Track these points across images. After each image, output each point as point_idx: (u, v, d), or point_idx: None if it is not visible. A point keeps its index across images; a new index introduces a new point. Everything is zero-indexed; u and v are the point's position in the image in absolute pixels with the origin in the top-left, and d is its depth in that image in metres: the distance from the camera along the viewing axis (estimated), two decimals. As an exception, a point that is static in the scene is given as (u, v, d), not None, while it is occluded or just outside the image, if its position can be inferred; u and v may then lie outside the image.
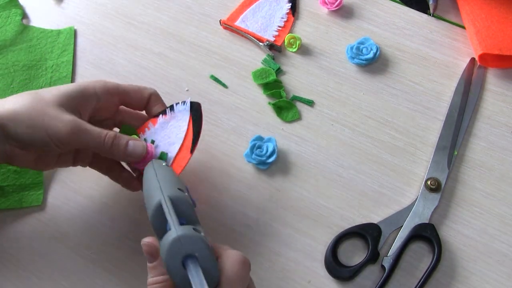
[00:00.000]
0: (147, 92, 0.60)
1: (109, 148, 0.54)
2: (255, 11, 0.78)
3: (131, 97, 0.60)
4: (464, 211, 0.62)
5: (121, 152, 0.55)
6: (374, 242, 0.59)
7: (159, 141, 0.59)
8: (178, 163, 0.58)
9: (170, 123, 0.60)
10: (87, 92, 0.56)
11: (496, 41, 0.70)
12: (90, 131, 0.53)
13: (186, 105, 0.60)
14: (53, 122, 0.52)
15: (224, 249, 0.48)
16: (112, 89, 0.58)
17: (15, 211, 0.63)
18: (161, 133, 0.60)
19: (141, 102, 0.60)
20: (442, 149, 0.65)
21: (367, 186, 0.64)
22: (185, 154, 0.58)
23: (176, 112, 0.60)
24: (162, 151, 0.58)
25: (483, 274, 0.59)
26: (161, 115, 0.60)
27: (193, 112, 0.59)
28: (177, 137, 0.59)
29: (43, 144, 0.53)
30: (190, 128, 0.59)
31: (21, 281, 0.59)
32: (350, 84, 0.71)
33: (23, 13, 0.79)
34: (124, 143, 0.55)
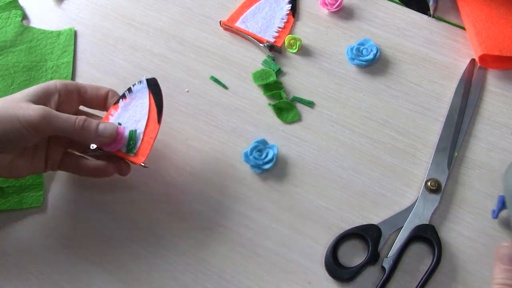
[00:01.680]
0: (104, 90, 0.63)
1: (80, 130, 0.57)
2: (255, 12, 0.78)
3: (89, 94, 0.62)
4: (464, 212, 0.62)
5: (92, 133, 0.57)
6: (374, 243, 0.59)
7: (125, 123, 0.61)
8: (148, 136, 0.60)
9: (132, 104, 0.62)
10: (49, 88, 0.59)
11: (496, 42, 0.71)
12: (60, 116, 0.56)
13: (143, 83, 0.63)
14: (24, 111, 0.54)
15: None
16: (71, 85, 0.61)
17: (15, 211, 0.63)
18: (125, 115, 0.62)
19: (99, 99, 0.63)
20: (442, 150, 0.65)
21: (367, 187, 0.64)
22: (153, 126, 0.61)
23: (134, 93, 0.63)
24: (131, 130, 0.61)
25: (483, 275, 0.59)
26: (121, 99, 0.62)
27: (151, 88, 0.63)
28: (141, 114, 0.62)
29: (17, 134, 0.54)
30: (152, 102, 0.62)
31: (21, 281, 0.59)
32: (350, 85, 0.71)
33: (23, 14, 0.79)
34: (95, 124, 0.58)
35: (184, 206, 0.63)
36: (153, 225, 0.62)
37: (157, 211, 0.63)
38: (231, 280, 0.59)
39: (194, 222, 0.62)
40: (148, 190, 0.64)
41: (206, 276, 0.59)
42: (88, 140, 0.58)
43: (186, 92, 0.71)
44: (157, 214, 0.63)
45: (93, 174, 0.62)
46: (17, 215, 0.63)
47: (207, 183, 0.65)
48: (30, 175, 0.62)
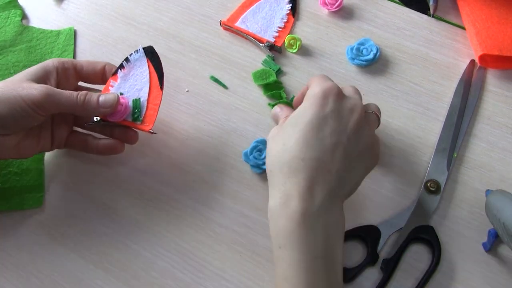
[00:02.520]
0: (101, 64, 0.64)
1: (82, 104, 0.58)
2: (255, 12, 0.78)
3: (86, 69, 0.63)
4: (464, 211, 0.62)
5: (93, 105, 0.59)
6: (373, 244, 0.59)
7: (127, 92, 0.62)
8: (153, 103, 0.62)
9: (131, 73, 0.63)
10: (47, 66, 0.60)
11: (496, 42, 0.71)
12: (62, 93, 0.57)
13: (140, 52, 0.64)
14: (27, 91, 0.56)
15: None
16: (67, 62, 0.62)
17: (15, 212, 0.63)
18: (126, 85, 0.63)
19: (96, 74, 0.64)
20: (441, 151, 0.65)
21: (367, 187, 0.64)
22: (157, 92, 0.62)
23: (132, 62, 0.63)
24: (134, 98, 0.62)
25: (483, 275, 0.59)
26: (119, 70, 0.63)
27: (149, 56, 0.64)
28: (143, 82, 0.63)
29: (22, 114, 0.55)
30: (152, 69, 0.63)
31: (21, 281, 0.59)
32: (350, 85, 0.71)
33: (23, 13, 0.79)
34: (95, 97, 0.59)
35: (183, 206, 0.63)
36: (153, 225, 0.62)
37: (156, 210, 0.63)
38: (231, 280, 0.59)
39: (194, 221, 0.62)
40: (148, 191, 0.64)
41: (206, 276, 0.59)
42: (91, 113, 0.60)
43: (186, 91, 0.71)
44: (156, 214, 0.63)
45: (101, 152, 0.63)
46: (17, 215, 0.63)
47: (207, 183, 0.65)
48: (37, 153, 0.63)
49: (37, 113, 0.56)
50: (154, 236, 0.62)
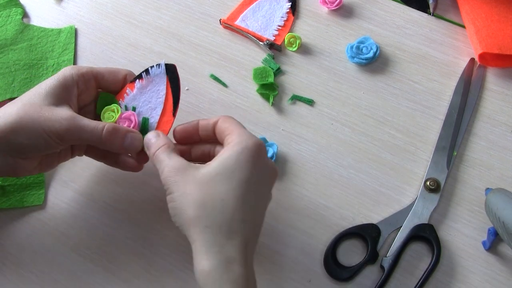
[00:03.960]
0: (122, 73, 0.61)
1: (106, 142, 0.55)
2: (255, 10, 0.78)
3: (107, 79, 0.60)
4: (464, 210, 0.62)
5: (118, 146, 0.56)
6: (373, 243, 0.59)
7: (140, 107, 0.60)
8: (162, 128, 0.60)
9: (148, 88, 0.61)
10: (66, 82, 0.57)
11: (496, 40, 0.71)
12: (86, 126, 0.54)
13: (161, 67, 0.61)
14: (48, 121, 0.53)
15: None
16: (87, 73, 0.59)
17: (16, 210, 0.63)
18: (141, 99, 0.60)
19: (117, 83, 0.61)
20: (441, 150, 0.65)
21: (367, 186, 0.64)
22: (168, 118, 0.60)
23: (152, 76, 0.61)
24: (144, 117, 0.60)
25: (483, 273, 0.59)
26: (138, 80, 0.61)
27: (169, 75, 0.61)
28: (157, 102, 0.60)
29: (45, 146, 0.54)
30: (169, 91, 0.61)
31: (21, 280, 0.59)
32: (350, 83, 0.71)
33: (24, 12, 0.79)
34: (121, 136, 0.56)
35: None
36: (153, 224, 0.62)
37: (157, 209, 0.63)
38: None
39: (194, 220, 0.62)
40: (148, 189, 0.64)
41: (206, 275, 0.59)
42: (114, 151, 0.58)
43: (186, 90, 0.71)
44: (157, 213, 0.63)
45: (119, 165, 0.61)
46: (18, 213, 0.63)
47: (207, 182, 0.65)
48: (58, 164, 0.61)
49: (58, 144, 0.54)
50: (154, 235, 0.62)
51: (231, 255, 0.47)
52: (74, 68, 0.58)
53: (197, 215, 0.48)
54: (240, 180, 0.49)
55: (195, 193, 0.49)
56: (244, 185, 0.49)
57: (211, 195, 0.49)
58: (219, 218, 0.48)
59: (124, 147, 0.56)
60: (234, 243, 0.48)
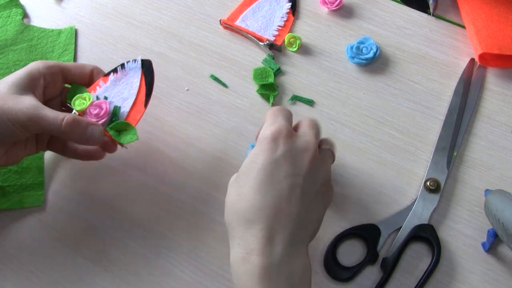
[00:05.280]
0: (89, 67, 0.62)
1: (67, 133, 0.55)
2: (255, 10, 0.78)
3: (73, 73, 0.61)
4: (464, 210, 0.62)
5: (78, 137, 0.56)
6: (373, 243, 0.59)
7: (112, 97, 0.61)
8: (132, 117, 0.60)
9: (122, 80, 0.62)
10: (33, 73, 0.58)
11: (496, 40, 0.71)
12: (47, 116, 0.55)
13: (137, 62, 0.62)
14: (12, 109, 0.54)
15: None
16: (54, 66, 0.60)
17: (15, 210, 0.63)
18: (113, 90, 0.61)
19: (83, 78, 0.62)
20: (441, 150, 0.65)
21: (366, 186, 0.64)
22: (140, 108, 0.60)
23: (127, 70, 0.62)
24: (115, 105, 0.60)
25: (483, 273, 0.59)
26: (112, 73, 0.62)
27: (144, 69, 0.62)
28: (130, 93, 0.61)
29: (7, 131, 0.55)
30: (143, 84, 0.62)
31: (21, 280, 0.59)
32: (350, 83, 0.72)
33: (24, 12, 0.79)
34: (82, 128, 0.56)
35: (184, 205, 0.63)
36: (153, 224, 0.62)
37: (157, 209, 0.63)
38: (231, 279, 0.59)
39: (194, 220, 0.62)
40: (148, 189, 0.64)
41: (207, 275, 0.59)
42: (74, 142, 0.59)
43: (186, 90, 0.71)
44: (157, 213, 0.63)
45: (80, 156, 0.63)
46: (17, 214, 0.63)
47: (207, 182, 0.65)
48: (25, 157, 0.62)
49: (21, 131, 0.55)
50: (154, 235, 0.62)
51: (250, 246, 0.47)
52: (42, 62, 0.59)
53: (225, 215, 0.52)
54: (255, 169, 0.50)
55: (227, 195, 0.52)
56: (259, 174, 0.50)
57: (231, 192, 0.52)
58: (237, 212, 0.50)
59: (86, 137, 0.56)
60: (252, 233, 0.48)
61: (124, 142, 0.59)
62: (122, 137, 0.59)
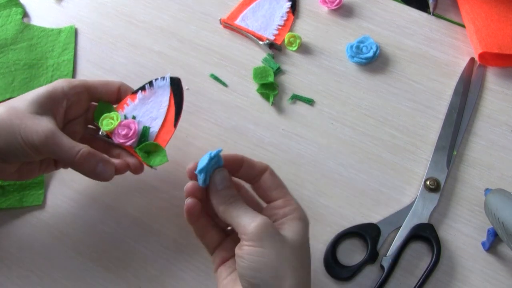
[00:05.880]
0: (116, 85, 0.60)
1: (78, 166, 0.54)
2: (255, 10, 0.78)
3: (100, 92, 0.59)
4: (464, 209, 0.62)
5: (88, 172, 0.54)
6: (373, 242, 0.59)
7: (140, 117, 0.59)
8: (162, 138, 0.59)
9: (151, 99, 0.60)
10: (55, 93, 0.56)
11: (496, 39, 0.71)
12: (63, 144, 0.53)
13: (166, 80, 0.61)
14: (28, 130, 0.52)
15: None
16: (79, 86, 0.58)
17: (15, 210, 0.63)
18: (142, 109, 0.60)
19: (111, 96, 0.60)
20: (441, 149, 0.65)
21: (367, 185, 0.64)
22: (169, 128, 0.59)
23: (155, 88, 0.60)
24: (145, 125, 0.59)
25: (483, 272, 0.59)
26: (140, 91, 0.60)
27: (173, 87, 0.60)
28: (159, 112, 0.60)
29: (22, 153, 0.53)
30: (172, 103, 0.60)
31: (22, 279, 0.59)
32: (350, 83, 0.72)
33: (24, 12, 0.79)
34: (94, 163, 0.54)
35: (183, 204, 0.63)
36: (153, 223, 0.62)
37: (156, 209, 0.63)
38: None
39: (194, 220, 0.62)
40: (148, 188, 0.64)
41: (207, 274, 0.59)
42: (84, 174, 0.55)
43: (186, 89, 0.71)
44: (157, 212, 0.63)
45: None
46: (17, 213, 0.63)
47: (207, 181, 0.65)
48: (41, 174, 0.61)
49: (34, 153, 0.53)
50: (154, 234, 0.62)
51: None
52: (66, 81, 0.57)
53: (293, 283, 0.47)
54: (307, 256, 0.50)
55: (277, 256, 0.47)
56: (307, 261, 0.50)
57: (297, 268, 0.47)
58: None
59: (95, 174, 0.55)
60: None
61: (153, 164, 0.58)
62: (151, 159, 0.58)
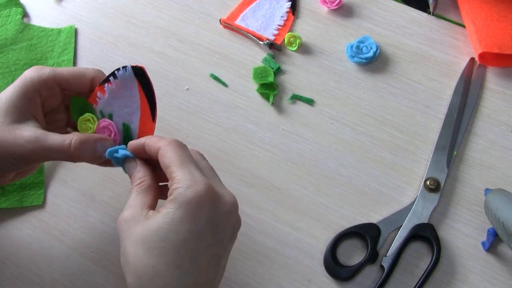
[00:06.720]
0: (89, 75, 0.55)
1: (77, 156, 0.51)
2: (255, 9, 0.78)
3: (72, 83, 0.55)
4: (464, 209, 0.62)
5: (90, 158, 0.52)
6: (373, 242, 0.59)
7: (116, 113, 0.56)
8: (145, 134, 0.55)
9: (121, 92, 0.56)
10: (27, 92, 0.52)
11: (496, 39, 0.70)
12: (52, 146, 0.50)
13: (128, 70, 0.55)
14: (14, 147, 0.49)
15: None
16: (49, 80, 0.53)
17: (15, 210, 0.63)
18: (115, 103, 0.56)
19: (84, 87, 0.55)
20: (441, 149, 0.65)
21: (367, 185, 0.64)
22: (149, 125, 0.56)
23: (120, 79, 0.56)
24: (124, 123, 0.56)
25: (483, 272, 0.59)
26: (106, 84, 0.56)
27: (139, 78, 0.56)
28: (133, 106, 0.56)
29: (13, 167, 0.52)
30: (143, 96, 0.56)
31: (21, 280, 0.59)
32: (350, 83, 0.71)
33: (24, 11, 0.79)
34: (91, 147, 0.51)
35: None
36: (153, 223, 0.62)
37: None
38: (231, 278, 0.59)
39: (194, 220, 0.62)
40: (148, 188, 0.64)
41: (206, 274, 0.59)
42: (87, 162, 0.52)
43: (186, 90, 0.71)
44: (157, 212, 0.63)
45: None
46: (17, 213, 0.63)
47: (207, 181, 0.65)
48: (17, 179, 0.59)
49: (26, 165, 0.52)
50: (154, 234, 0.62)
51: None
52: (35, 73, 0.53)
53: (131, 282, 0.44)
54: (174, 241, 0.43)
55: (132, 253, 0.44)
56: (179, 248, 0.43)
57: (141, 256, 0.43)
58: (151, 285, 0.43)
59: (96, 158, 0.52)
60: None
61: None
62: None
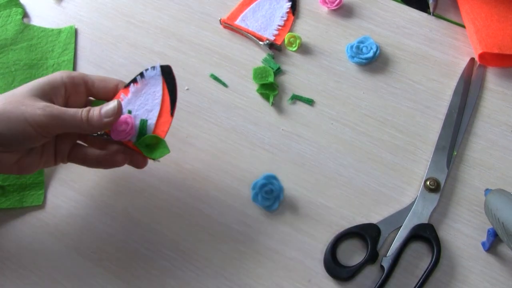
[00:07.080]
0: (113, 82, 0.60)
1: (86, 122, 0.54)
2: (255, 10, 0.78)
3: (97, 86, 0.59)
4: (464, 210, 0.62)
5: (96, 117, 0.55)
6: (373, 242, 0.59)
7: (136, 110, 0.59)
8: (160, 129, 0.58)
9: (144, 91, 0.59)
10: (54, 81, 0.56)
11: (496, 40, 0.70)
12: (67, 112, 0.54)
13: (157, 69, 0.59)
14: (31, 110, 0.52)
15: None
16: (77, 78, 0.58)
17: (15, 210, 0.63)
18: (136, 102, 0.59)
19: (107, 92, 0.59)
20: (441, 149, 0.65)
21: (367, 185, 0.64)
22: (166, 118, 0.58)
23: (147, 79, 0.59)
24: (142, 119, 0.58)
25: (483, 272, 0.59)
26: (132, 84, 0.59)
27: (165, 76, 0.59)
28: (154, 103, 0.59)
29: (26, 135, 0.52)
30: (166, 92, 0.59)
31: (22, 280, 0.59)
32: (350, 83, 0.71)
33: (24, 12, 0.79)
34: (97, 110, 0.55)
35: (183, 204, 0.63)
36: (152, 223, 0.62)
37: (156, 209, 0.63)
38: (231, 278, 0.59)
39: (194, 220, 0.62)
40: (147, 188, 0.64)
41: (206, 274, 0.59)
42: (97, 128, 0.55)
43: (186, 90, 0.71)
44: (156, 212, 0.63)
45: (101, 164, 0.59)
46: (17, 213, 0.63)
47: (206, 181, 0.65)
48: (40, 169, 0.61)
49: (41, 135, 0.53)
50: (154, 235, 0.62)
51: None
52: (65, 72, 0.58)
53: None
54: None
55: None
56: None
57: None
58: None
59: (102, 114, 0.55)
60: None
61: (155, 157, 0.57)
62: (153, 152, 0.58)
